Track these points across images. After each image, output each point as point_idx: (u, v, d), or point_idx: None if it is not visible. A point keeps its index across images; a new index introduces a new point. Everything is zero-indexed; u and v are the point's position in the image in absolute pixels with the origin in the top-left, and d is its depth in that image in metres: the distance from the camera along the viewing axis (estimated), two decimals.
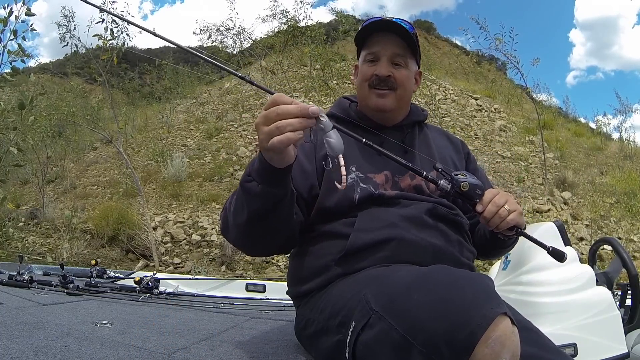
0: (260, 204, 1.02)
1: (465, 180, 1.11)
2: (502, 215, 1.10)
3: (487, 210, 1.10)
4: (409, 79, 1.32)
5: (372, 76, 1.29)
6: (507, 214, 1.10)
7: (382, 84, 1.28)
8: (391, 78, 1.28)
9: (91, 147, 11.11)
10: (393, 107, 1.31)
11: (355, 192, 1.20)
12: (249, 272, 5.79)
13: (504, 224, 1.11)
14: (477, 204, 1.12)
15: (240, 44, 12.00)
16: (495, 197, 1.11)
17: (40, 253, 6.36)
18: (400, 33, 1.28)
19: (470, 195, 1.12)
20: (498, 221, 1.10)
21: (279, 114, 0.89)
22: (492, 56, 9.51)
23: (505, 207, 1.10)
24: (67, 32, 6.77)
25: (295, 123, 0.88)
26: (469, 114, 11.88)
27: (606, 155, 11.19)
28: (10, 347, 1.04)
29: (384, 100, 1.29)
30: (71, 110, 8.01)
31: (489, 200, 1.11)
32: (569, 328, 1.44)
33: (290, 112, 0.88)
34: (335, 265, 1.14)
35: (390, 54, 1.28)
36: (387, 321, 0.85)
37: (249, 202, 1.03)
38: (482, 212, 1.11)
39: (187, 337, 1.34)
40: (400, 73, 1.29)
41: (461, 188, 1.11)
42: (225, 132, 10.53)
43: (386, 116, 1.33)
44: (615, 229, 7.27)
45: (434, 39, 29.44)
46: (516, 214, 1.12)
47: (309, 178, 1.23)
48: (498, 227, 1.12)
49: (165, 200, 7.90)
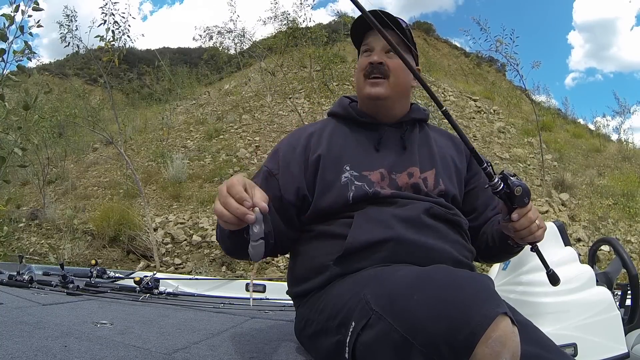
0: (231, 243, 1.13)
1: (520, 184, 1.08)
2: (532, 231, 1.10)
3: (520, 223, 1.09)
4: (403, 68, 1.29)
5: (366, 65, 1.30)
6: (536, 229, 1.10)
7: (376, 71, 1.28)
8: (384, 65, 1.28)
9: (91, 148, 11.11)
10: (387, 94, 1.29)
11: (350, 190, 1.20)
12: (249, 272, 5.79)
13: (531, 238, 1.11)
14: (515, 211, 1.09)
15: (240, 46, 12.01)
16: (530, 212, 1.10)
17: (42, 253, 6.36)
18: (392, 27, 1.29)
19: (519, 201, 1.08)
20: (526, 234, 1.10)
21: (222, 201, 0.93)
22: (491, 57, 9.49)
23: (536, 223, 1.10)
24: (69, 32, 6.75)
25: (232, 219, 0.92)
26: (468, 116, 11.89)
27: (605, 157, 11.20)
28: (10, 347, 1.04)
29: (377, 89, 1.29)
30: (72, 111, 8.01)
31: (525, 213, 1.09)
32: (569, 328, 1.44)
33: (230, 208, 0.92)
34: (334, 265, 1.14)
35: (383, 44, 1.28)
36: (387, 321, 0.85)
37: (223, 238, 1.14)
38: (516, 221, 1.09)
39: (187, 337, 1.34)
40: (393, 61, 1.29)
41: (515, 192, 1.07)
42: (225, 134, 10.54)
43: (382, 106, 1.32)
44: (612, 230, 7.27)
45: (433, 41, 29.45)
46: (542, 231, 1.12)
47: (295, 182, 1.25)
48: (524, 240, 1.12)
49: (166, 201, 7.90)
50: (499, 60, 9.23)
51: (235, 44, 11.66)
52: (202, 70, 17.88)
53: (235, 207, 0.91)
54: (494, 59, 10.11)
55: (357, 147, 1.28)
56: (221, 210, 0.92)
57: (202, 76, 17.23)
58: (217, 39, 11.28)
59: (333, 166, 1.25)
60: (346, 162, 1.24)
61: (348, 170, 1.23)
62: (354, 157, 1.26)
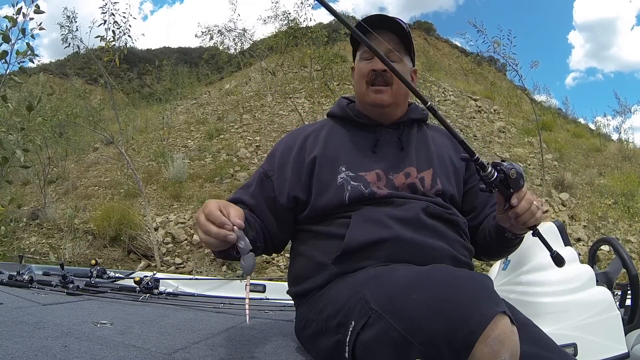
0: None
1: (513, 167, 1.06)
2: (533, 212, 1.08)
3: (521, 206, 1.06)
4: (404, 74, 1.30)
5: (369, 72, 1.30)
6: (537, 210, 1.08)
7: (379, 78, 1.29)
8: (387, 73, 1.28)
9: (92, 148, 11.12)
10: (390, 101, 1.31)
11: (346, 190, 1.21)
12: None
13: (533, 220, 1.08)
14: (513, 196, 1.06)
15: (241, 45, 12.00)
16: (527, 194, 1.08)
17: (43, 253, 6.36)
18: (393, 29, 1.29)
19: (515, 184, 1.06)
20: (528, 217, 1.07)
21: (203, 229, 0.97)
22: (491, 57, 9.47)
23: (535, 204, 1.08)
24: (69, 33, 6.75)
25: (215, 243, 0.97)
26: (468, 115, 11.89)
27: (605, 157, 11.19)
28: (10, 347, 1.04)
29: (381, 96, 1.29)
30: (73, 111, 8.02)
31: (524, 195, 1.07)
32: (569, 328, 1.43)
33: (212, 234, 0.96)
34: (333, 265, 1.15)
35: (385, 49, 1.28)
36: (386, 320, 0.86)
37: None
38: (516, 205, 1.06)
39: (187, 337, 1.33)
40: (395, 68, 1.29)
41: (510, 175, 1.05)
42: (226, 133, 10.55)
43: (384, 112, 1.33)
44: (612, 230, 7.27)
45: (433, 40, 29.46)
46: (541, 212, 1.10)
47: (287, 186, 1.27)
48: (526, 223, 1.08)
49: (167, 201, 7.91)
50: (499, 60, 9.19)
51: (236, 43, 11.66)
52: (203, 69, 17.88)
53: (215, 232, 0.96)
54: (494, 59, 10.07)
55: (354, 148, 1.29)
56: (206, 238, 0.98)
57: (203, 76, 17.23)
58: (218, 38, 11.28)
59: (329, 167, 1.25)
60: (342, 162, 1.25)
61: (344, 171, 1.24)
62: (350, 158, 1.26)
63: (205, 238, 0.97)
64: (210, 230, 0.96)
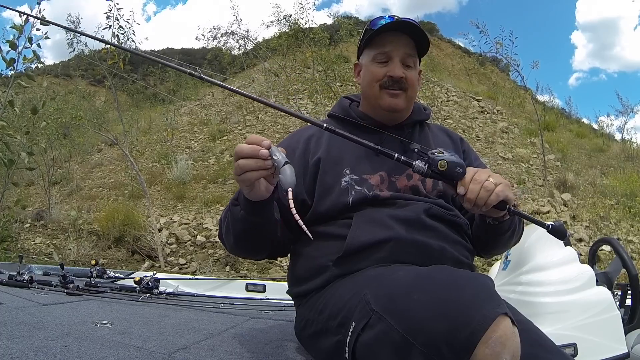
0: (241, 227, 1.12)
1: (443, 158, 1.03)
2: (488, 188, 1.00)
3: (470, 190, 1.01)
4: (417, 80, 1.33)
5: (384, 76, 1.29)
6: (493, 187, 1.01)
7: (395, 85, 1.28)
8: (403, 79, 1.28)
9: (96, 149, 11.15)
10: (404, 106, 1.31)
11: (350, 195, 1.21)
12: (252, 272, 5.80)
13: (494, 197, 1.01)
14: (458, 185, 1.04)
15: (244, 47, 12.03)
16: (476, 175, 1.03)
17: (47, 253, 6.39)
18: (410, 33, 1.29)
19: (450, 175, 1.03)
20: (485, 196, 1.00)
21: (238, 155, 0.97)
22: (495, 57, 9.46)
23: (490, 180, 1.01)
24: (75, 37, 6.79)
25: (252, 164, 0.96)
26: (471, 116, 11.84)
27: (608, 157, 11.11)
28: (10, 347, 1.05)
29: (397, 100, 1.29)
30: (78, 113, 8.04)
31: (470, 179, 1.02)
32: (569, 328, 1.43)
33: (245, 154, 0.96)
34: (333, 265, 1.14)
35: (403, 54, 1.28)
36: (387, 321, 0.86)
37: (234, 224, 1.14)
38: (465, 193, 1.02)
39: (187, 337, 1.34)
40: (411, 74, 1.30)
41: (439, 167, 1.02)
42: (229, 135, 10.55)
43: (395, 115, 1.33)
44: (614, 230, 7.22)
45: (437, 41, 29.34)
46: (503, 186, 1.02)
47: None
48: (487, 204, 1.02)
49: (170, 202, 7.93)
50: (502, 60, 9.18)
51: (239, 45, 11.68)
52: (206, 71, 17.86)
53: (249, 148, 0.96)
54: (497, 59, 10.06)
55: (357, 150, 1.27)
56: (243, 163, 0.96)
57: None
58: (221, 39, 11.31)
59: (333, 169, 1.25)
60: (346, 165, 1.25)
61: (348, 174, 1.23)
62: (354, 161, 1.26)
63: (243, 163, 0.96)
64: (243, 149, 0.96)
